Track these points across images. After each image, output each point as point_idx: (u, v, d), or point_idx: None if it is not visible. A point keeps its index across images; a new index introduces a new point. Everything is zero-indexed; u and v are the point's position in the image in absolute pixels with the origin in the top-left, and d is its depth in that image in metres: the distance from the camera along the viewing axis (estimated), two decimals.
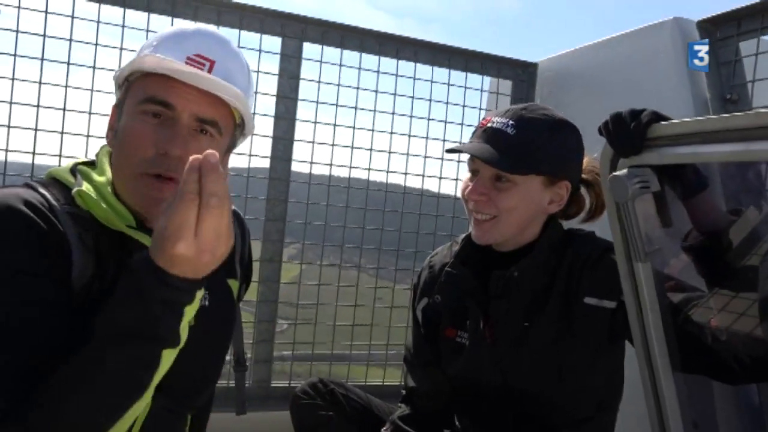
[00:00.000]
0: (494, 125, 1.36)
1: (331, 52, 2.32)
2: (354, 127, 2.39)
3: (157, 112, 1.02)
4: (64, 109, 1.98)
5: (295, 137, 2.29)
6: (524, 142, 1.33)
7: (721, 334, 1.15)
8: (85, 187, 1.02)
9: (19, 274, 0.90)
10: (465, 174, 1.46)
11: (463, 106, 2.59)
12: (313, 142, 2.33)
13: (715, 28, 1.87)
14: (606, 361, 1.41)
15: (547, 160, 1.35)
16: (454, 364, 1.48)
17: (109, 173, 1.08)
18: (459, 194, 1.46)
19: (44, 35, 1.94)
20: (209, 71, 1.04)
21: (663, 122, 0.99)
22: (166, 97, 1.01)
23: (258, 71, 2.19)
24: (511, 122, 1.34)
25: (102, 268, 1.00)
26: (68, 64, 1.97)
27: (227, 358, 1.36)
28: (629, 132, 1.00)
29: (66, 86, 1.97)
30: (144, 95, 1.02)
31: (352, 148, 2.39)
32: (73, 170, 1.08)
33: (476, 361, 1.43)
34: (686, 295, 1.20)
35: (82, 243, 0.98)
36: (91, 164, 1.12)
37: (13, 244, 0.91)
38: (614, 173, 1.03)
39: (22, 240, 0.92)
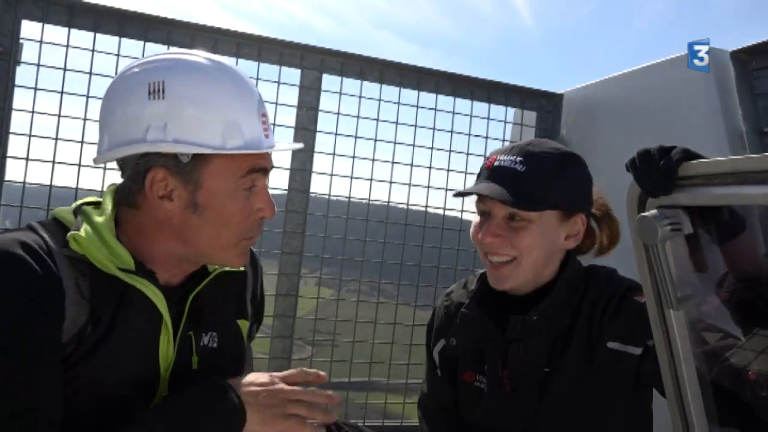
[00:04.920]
0: (502, 163, 1.30)
1: (351, 84, 2.30)
2: (373, 159, 2.35)
3: (255, 183, 1.08)
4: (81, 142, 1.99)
5: (313, 169, 2.26)
6: (536, 178, 1.28)
7: (761, 386, 1.07)
8: (84, 229, 1.01)
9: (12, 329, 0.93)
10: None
11: (486, 137, 2.55)
12: (331, 174, 2.31)
13: (750, 59, 1.80)
14: (632, 409, 1.33)
15: (561, 195, 1.30)
16: (473, 411, 1.42)
17: (110, 213, 1.06)
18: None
19: (64, 68, 1.96)
20: (269, 125, 1.10)
21: (695, 161, 0.92)
22: (266, 164, 1.09)
23: (276, 103, 2.18)
24: (519, 159, 1.29)
25: (96, 314, 0.99)
26: (87, 96, 1.99)
27: None
28: (658, 170, 0.94)
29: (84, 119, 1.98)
30: (245, 169, 1.06)
31: (371, 180, 2.35)
32: (77, 210, 1.08)
33: (495, 409, 1.37)
34: (722, 345, 1.12)
35: (78, 288, 0.97)
36: (98, 203, 1.11)
37: (6, 293, 0.92)
38: (643, 214, 0.96)
39: (16, 289, 0.93)
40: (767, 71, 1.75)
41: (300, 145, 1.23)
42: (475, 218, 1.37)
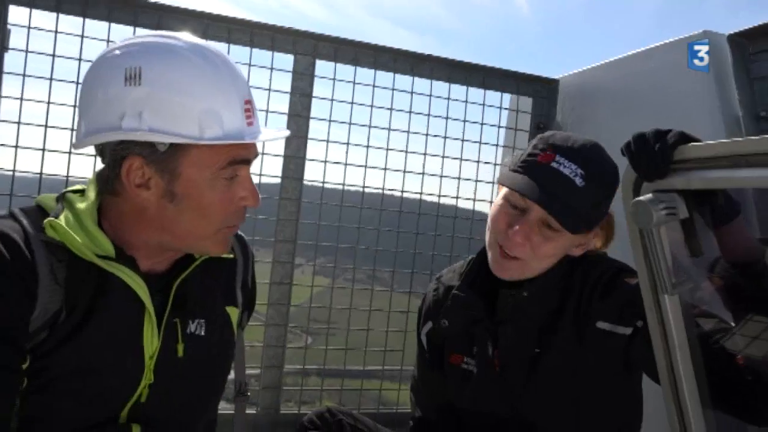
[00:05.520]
0: (561, 168, 1.22)
1: (345, 69, 2.28)
2: (367, 146, 2.34)
3: (236, 173, 1.06)
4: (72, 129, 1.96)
5: (307, 156, 2.25)
6: (590, 199, 1.23)
7: (750, 371, 1.07)
8: (64, 215, 1.01)
9: None
10: (485, 193, 1.37)
11: (482, 123, 2.52)
12: (325, 161, 2.29)
13: (748, 42, 1.78)
14: (622, 390, 1.34)
15: (600, 216, 1.28)
16: (461, 394, 1.42)
17: (92, 200, 1.06)
18: (481, 213, 1.37)
19: (53, 54, 1.94)
20: (253, 113, 1.07)
21: (691, 144, 0.92)
22: (248, 155, 1.07)
23: (270, 89, 2.16)
24: (580, 171, 1.22)
25: (72, 301, 0.98)
26: (77, 83, 1.96)
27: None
28: (654, 154, 0.93)
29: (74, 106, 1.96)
30: (226, 160, 1.03)
31: (366, 167, 2.34)
32: (60, 198, 1.07)
33: (484, 391, 1.37)
34: (715, 328, 1.12)
35: (53, 275, 0.96)
36: (83, 191, 1.10)
37: None
38: (638, 198, 0.96)
39: None
40: (764, 55, 1.74)
41: (286, 133, 1.20)
42: (499, 203, 1.31)
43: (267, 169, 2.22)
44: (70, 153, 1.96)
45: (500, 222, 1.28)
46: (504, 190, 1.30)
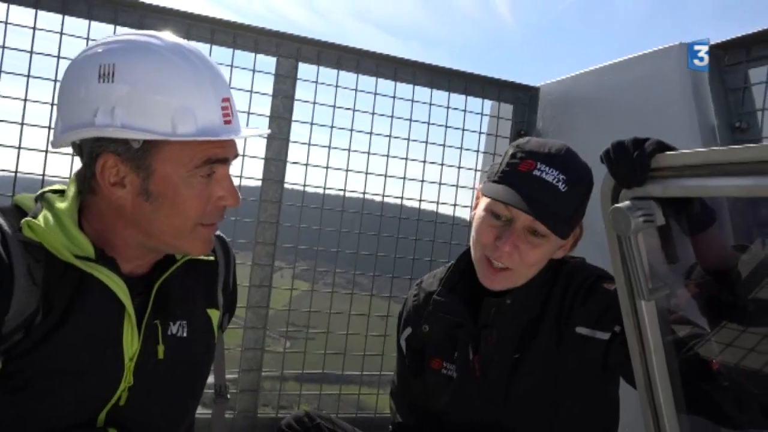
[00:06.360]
0: (543, 175, 1.23)
1: (327, 73, 2.28)
2: (349, 150, 2.33)
3: (214, 171, 1.04)
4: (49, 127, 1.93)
5: (288, 159, 2.24)
6: (573, 202, 1.25)
7: (723, 376, 1.09)
8: (42, 215, 1.00)
9: None
10: (466, 199, 1.38)
11: (463, 129, 2.54)
12: (306, 165, 2.28)
13: (723, 53, 1.82)
14: (600, 395, 1.35)
15: (580, 218, 1.30)
16: (441, 399, 1.42)
17: (72, 200, 1.04)
18: (463, 220, 1.38)
19: (31, 51, 1.90)
20: (232, 111, 1.06)
21: (668, 152, 0.93)
22: (225, 154, 1.05)
23: (251, 91, 2.15)
24: (562, 177, 1.23)
25: (49, 302, 0.97)
26: (54, 81, 1.93)
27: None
28: (632, 162, 0.95)
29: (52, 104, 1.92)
30: (201, 158, 1.02)
31: (347, 171, 2.33)
32: (39, 197, 1.06)
33: (464, 395, 1.37)
34: (690, 334, 1.13)
35: (30, 275, 0.95)
36: (63, 191, 1.09)
37: None
38: (616, 205, 0.97)
39: None
40: (739, 67, 1.78)
41: (265, 131, 1.20)
42: (481, 215, 1.30)
43: (248, 171, 2.21)
44: (46, 152, 1.93)
45: (486, 234, 1.28)
46: (485, 201, 1.29)
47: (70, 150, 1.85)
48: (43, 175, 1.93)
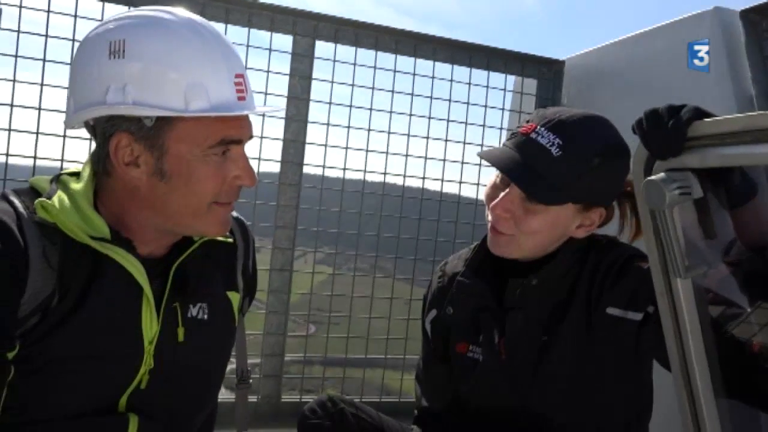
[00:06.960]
0: (539, 138, 1.19)
1: (345, 51, 2.23)
2: (369, 129, 2.29)
3: (227, 150, 1.02)
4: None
5: (307, 140, 2.21)
6: (567, 169, 1.18)
7: (764, 358, 1.04)
8: (57, 196, 0.99)
9: None
10: (488, 177, 1.34)
11: (485, 106, 2.48)
12: (325, 145, 2.25)
13: (760, 18, 1.72)
14: (633, 378, 1.31)
15: (588, 190, 1.22)
16: (467, 383, 1.39)
17: (87, 181, 1.03)
18: (482, 198, 1.34)
19: (46, 35, 1.89)
20: (246, 88, 1.03)
21: (706, 119, 0.87)
22: (239, 135, 1.03)
23: (268, 71, 2.11)
24: (558, 141, 1.17)
25: (65, 285, 0.96)
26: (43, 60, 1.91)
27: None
28: (667, 131, 0.89)
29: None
30: (215, 139, 1.00)
31: (367, 151, 2.29)
32: (54, 179, 1.05)
33: (490, 380, 1.34)
34: (728, 314, 1.09)
35: (45, 257, 0.94)
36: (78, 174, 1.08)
37: None
38: (649, 177, 0.92)
39: None
40: None
41: (279, 108, 1.18)
42: (492, 177, 1.30)
43: (266, 153, 2.19)
44: (64, 137, 1.92)
45: (489, 197, 1.28)
46: None
47: (87, 135, 1.84)
48: (62, 159, 1.93)
